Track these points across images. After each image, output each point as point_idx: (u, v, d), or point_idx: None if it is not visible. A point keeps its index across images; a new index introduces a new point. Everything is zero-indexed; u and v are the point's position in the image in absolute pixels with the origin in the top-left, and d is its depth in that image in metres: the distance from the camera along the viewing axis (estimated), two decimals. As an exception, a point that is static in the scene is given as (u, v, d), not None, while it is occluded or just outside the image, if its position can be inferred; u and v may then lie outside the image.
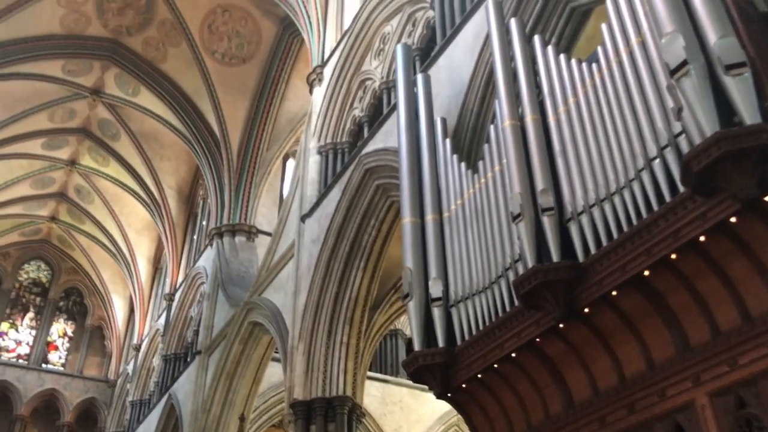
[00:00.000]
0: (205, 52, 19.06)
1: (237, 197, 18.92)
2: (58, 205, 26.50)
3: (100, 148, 23.26)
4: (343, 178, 11.49)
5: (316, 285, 11.42)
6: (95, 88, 20.90)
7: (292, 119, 19.27)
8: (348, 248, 11.12)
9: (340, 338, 11.04)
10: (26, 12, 17.64)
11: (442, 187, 7.03)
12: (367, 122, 11.98)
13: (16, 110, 20.89)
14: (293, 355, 11.46)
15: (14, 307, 28.31)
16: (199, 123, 19.82)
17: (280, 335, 12.50)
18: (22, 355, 27.34)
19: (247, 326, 14.64)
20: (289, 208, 13.88)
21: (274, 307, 13.26)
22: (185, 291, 20.42)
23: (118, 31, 19.34)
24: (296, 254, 12.69)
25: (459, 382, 6.06)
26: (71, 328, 28.96)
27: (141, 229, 25.72)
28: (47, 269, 29.41)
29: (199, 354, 16.80)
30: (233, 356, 14.91)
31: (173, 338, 20.34)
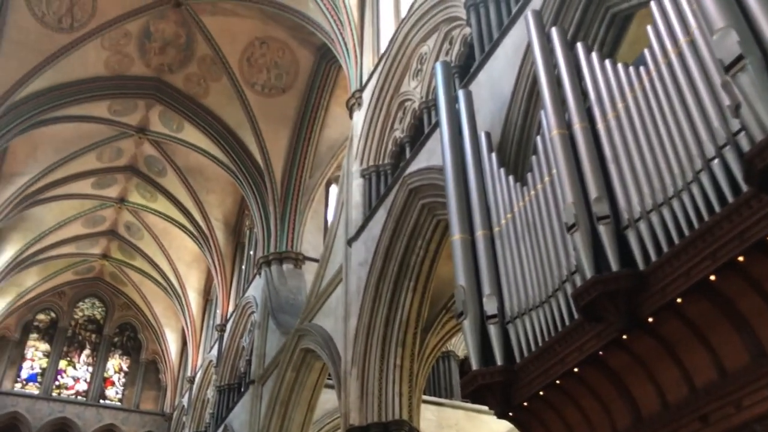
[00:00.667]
0: (246, 85, 19.38)
1: (282, 225, 19.07)
2: (109, 242, 27.11)
3: (148, 185, 23.76)
4: (388, 199, 11.46)
5: (366, 308, 11.36)
6: (141, 126, 21.39)
7: (332, 145, 19.42)
8: (396, 270, 11.04)
9: (393, 361, 10.92)
10: (73, 56, 18.19)
11: (490, 202, 6.93)
12: (409, 142, 11.95)
13: (66, 152, 21.50)
14: (347, 381, 11.38)
15: (71, 345, 28.92)
16: (242, 154, 20.10)
17: (333, 361, 12.44)
18: (80, 392, 27.85)
19: (299, 353, 14.63)
20: (335, 233, 13.90)
21: (325, 333, 13.23)
22: (236, 321, 20.57)
23: (160, 69, 19.80)
24: (344, 278, 12.66)
25: (520, 400, 5.90)
26: (126, 363, 29.42)
27: (190, 262, 26.11)
28: (101, 306, 30.02)
29: (253, 383, 16.84)
30: (287, 384, 14.89)
31: (226, 369, 20.47)
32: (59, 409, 26.33)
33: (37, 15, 17.35)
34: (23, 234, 24.37)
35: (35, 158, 21.30)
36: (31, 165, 21.33)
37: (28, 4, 17.13)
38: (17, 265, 24.60)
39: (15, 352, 27.35)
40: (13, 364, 27.12)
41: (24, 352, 27.76)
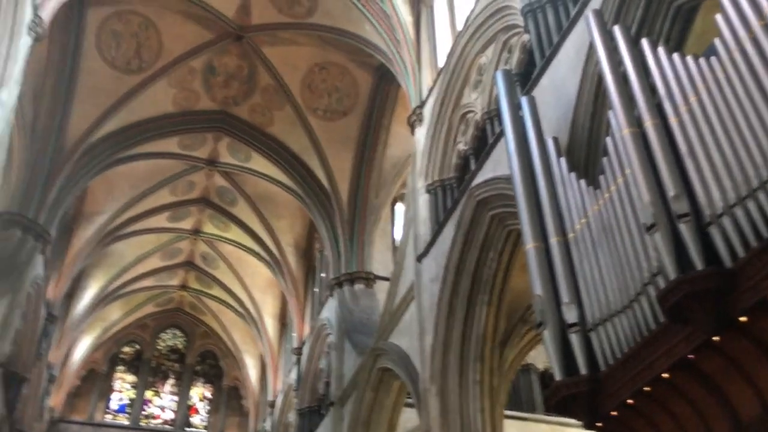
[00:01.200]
0: (308, 111, 19.70)
1: (352, 246, 19.19)
2: (186, 273, 27.86)
3: (220, 215, 24.35)
4: (455, 213, 11.38)
5: (441, 324, 11.27)
6: (210, 159, 21.98)
7: (396, 164, 19.50)
8: (469, 284, 10.94)
9: (472, 377, 10.78)
10: (142, 96, 18.90)
11: (562, 208, 6.78)
12: (473, 154, 11.88)
13: (141, 188, 22.29)
14: (427, 398, 11.28)
15: (156, 375, 29.75)
16: (308, 179, 20.39)
17: (411, 379, 12.37)
18: (167, 421, 28.58)
19: (377, 373, 14.61)
20: (404, 251, 13.89)
21: (402, 351, 13.18)
22: (312, 344, 20.75)
23: (226, 102, 20.34)
24: (417, 296, 12.62)
25: (608, 409, 5.70)
26: (209, 390, 30.04)
27: (265, 288, 26.54)
28: (182, 336, 30.82)
29: (333, 405, 16.90)
30: (366, 404, 14.87)
31: (306, 392, 20.63)
32: (148, 438, 27.13)
33: (108, 59, 18.14)
34: (106, 270, 25.32)
35: (113, 196, 22.17)
36: (110, 203, 22.20)
37: (99, 49, 17.93)
38: (102, 300, 25.54)
39: (104, 384, 28.33)
40: (102, 397, 28.08)
41: (112, 384, 28.72)
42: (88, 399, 27.63)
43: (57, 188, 17.56)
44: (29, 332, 18.51)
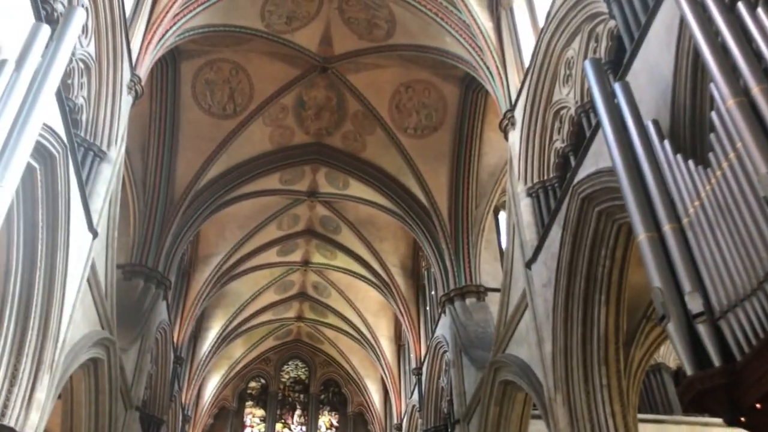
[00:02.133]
0: (398, 131, 19.80)
1: (458, 260, 19.00)
2: (301, 304, 28.51)
3: (326, 244, 24.80)
4: (560, 213, 11.02)
5: (559, 330, 10.88)
6: (311, 191, 22.45)
7: (493, 172, 19.22)
8: (583, 285, 10.52)
9: (598, 381, 10.32)
10: (240, 139, 19.62)
11: (672, 193, 6.39)
12: (572, 151, 11.51)
13: (249, 227, 23.08)
14: (553, 408, 10.89)
15: (283, 408, 30.49)
16: (406, 198, 20.42)
17: (534, 389, 12.00)
18: (299, 451, 29.19)
19: (499, 386, 14.28)
20: (512, 259, 13.58)
21: (521, 362, 12.83)
22: (430, 362, 20.61)
23: (319, 133, 20.78)
24: (530, 303, 12.27)
25: (750, 402, 5.25)
26: (335, 418, 30.44)
27: (377, 311, 26.73)
28: (304, 366, 31.48)
29: (459, 423, 16.66)
30: (492, 420, 14.55)
31: (430, 411, 20.47)
32: (283, 469, 27.76)
33: (204, 108, 18.98)
34: (225, 309, 26.31)
35: (224, 237, 23.07)
36: (222, 244, 23.10)
37: (196, 100, 18.79)
38: (224, 338, 26.51)
39: (236, 420, 29.32)
40: (236, 432, 29.09)
41: (243, 420, 29.67)
42: (223, 435, 28.66)
43: (171, 236, 18.43)
44: (161, 375, 19.41)
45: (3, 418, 8.95)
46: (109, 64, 11.85)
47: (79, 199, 10.71)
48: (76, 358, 11.26)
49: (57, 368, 10.19)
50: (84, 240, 11.13)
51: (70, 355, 10.91)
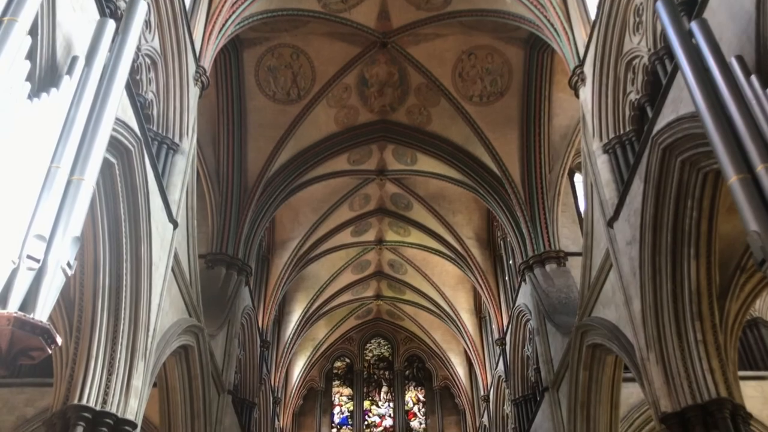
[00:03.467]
0: (463, 100, 19.49)
1: (534, 227, 18.63)
2: (378, 283, 28.68)
3: (399, 221, 24.79)
4: (640, 167, 10.58)
5: (647, 288, 10.48)
6: (379, 169, 22.44)
7: (565, 134, 18.70)
8: (670, 239, 10.08)
9: (693, 337, 9.90)
10: (306, 122, 19.72)
11: (764, 130, 6.00)
12: (648, 101, 11.02)
13: (322, 210, 23.30)
14: (646, 368, 10.54)
15: (369, 385, 30.85)
16: (477, 168, 20.14)
17: (625, 351, 11.64)
18: (388, 428, 29.46)
19: (587, 350, 13.96)
20: (591, 219, 13.17)
21: (609, 324, 12.48)
22: (513, 332, 20.38)
23: (383, 110, 20.68)
24: (614, 263, 11.88)
25: None
26: (422, 393, 30.59)
27: (455, 285, 26.62)
28: (386, 344, 31.73)
29: (547, 390, 16.42)
30: (582, 385, 14.25)
31: (516, 381, 20.29)
32: (374, 446, 28.16)
33: (269, 95, 19.16)
34: (305, 292, 26.75)
35: (299, 222, 23.38)
36: (297, 228, 23.43)
37: (260, 88, 18.99)
38: (307, 321, 26.99)
39: (324, 400, 29.87)
40: (325, 412, 29.61)
41: (332, 399, 30.20)
42: (313, 416, 29.24)
43: (248, 224, 18.78)
44: (249, 359, 19.92)
45: (105, 405, 9.33)
46: (174, 57, 12.06)
47: (158, 191, 11.00)
48: (167, 345, 11.62)
49: (150, 356, 10.54)
50: (166, 231, 11.43)
51: (161, 343, 11.27)
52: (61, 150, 6.13)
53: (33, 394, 15.13)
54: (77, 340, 9.65)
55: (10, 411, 15.17)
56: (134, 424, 9.62)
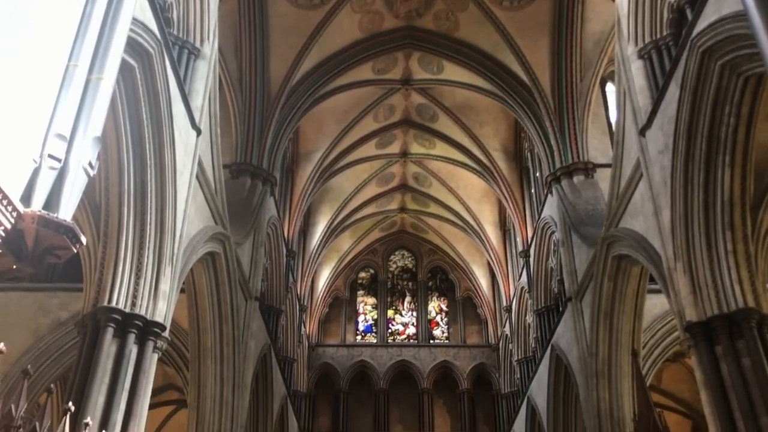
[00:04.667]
0: (493, 4, 18.74)
1: (563, 138, 18.25)
2: (402, 196, 28.62)
3: (424, 133, 24.46)
4: (677, 72, 10.14)
5: (678, 197, 10.26)
6: (404, 78, 21.94)
7: (598, 40, 17.96)
8: (705, 146, 9.76)
9: (723, 247, 9.74)
10: (329, 29, 19.16)
11: (817, 26, 5.61)
12: (687, 3, 10.46)
13: (346, 121, 23.00)
14: (673, 278, 10.46)
15: (393, 295, 31.34)
16: (505, 77, 19.60)
17: (652, 261, 11.54)
18: (411, 336, 30.11)
19: (612, 261, 13.90)
20: (623, 127, 12.81)
21: (636, 235, 12.33)
22: (538, 244, 20.35)
23: (409, 16, 20.01)
24: (645, 172, 11.62)
25: None
26: (444, 303, 31.04)
27: (480, 198, 26.48)
28: (410, 255, 32.00)
29: (570, 301, 16.50)
30: (606, 295, 14.28)
31: (539, 292, 20.42)
32: (397, 353, 28.78)
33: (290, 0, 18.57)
34: (330, 204, 26.82)
35: (323, 133, 23.16)
36: (321, 140, 23.24)
37: (281, -9, 18.41)
38: (331, 232, 27.17)
39: (349, 309, 30.47)
40: (350, 320, 30.25)
41: (356, 308, 30.79)
42: (338, 323, 29.92)
43: (272, 134, 18.62)
44: (276, 268, 20.23)
45: (134, 308, 9.53)
46: (192, -43, 11.64)
47: (179, 96, 10.85)
48: (194, 252, 11.76)
49: (177, 261, 10.67)
50: (189, 137, 11.35)
51: (188, 249, 11.39)
52: (78, 47, 5.95)
53: (66, 299, 15.55)
54: (105, 245, 9.78)
55: (45, 314, 15.65)
56: (163, 326, 9.84)
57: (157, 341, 9.77)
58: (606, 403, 14.50)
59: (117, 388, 8.90)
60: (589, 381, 14.93)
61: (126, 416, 8.89)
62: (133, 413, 8.96)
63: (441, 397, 28.00)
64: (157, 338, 9.74)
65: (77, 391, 8.73)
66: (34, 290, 16.03)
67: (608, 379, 14.57)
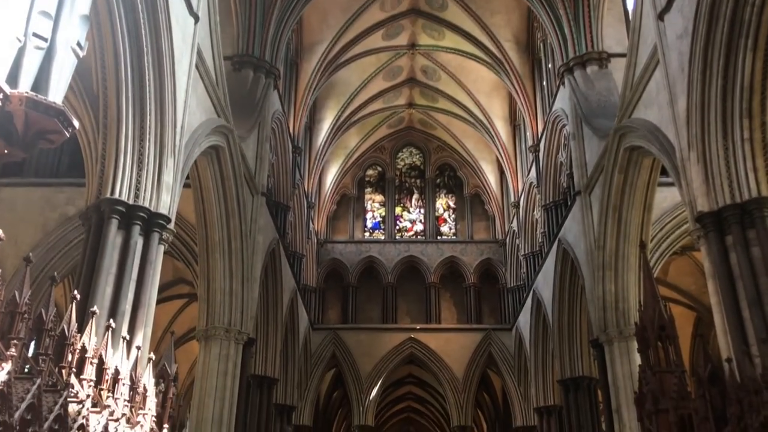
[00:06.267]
0: None
1: (578, 26, 17.52)
2: (411, 90, 27.99)
3: (433, 23, 23.61)
4: (702, -52, 9.51)
5: (696, 84, 9.86)
6: (412, -35, 20.96)
7: None
8: (727, 29, 9.26)
9: (739, 135, 9.42)
10: None
11: None
12: None
13: (351, 10, 22.15)
14: (685, 168, 10.22)
15: (401, 193, 31.28)
16: (518, -39, 18.63)
17: (665, 152, 11.27)
18: (418, 233, 30.28)
19: (623, 153, 13.65)
20: (641, 12, 12.24)
21: (650, 125, 12.01)
22: (548, 138, 20.00)
23: None
24: (662, 58, 11.15)
25: None
26: (452, 200, 30.99)
27: (490, 92, 25.87)
28: (418, 152, 31.68)
29: (579, 195, 16.35)
30: (615, 187, 14.11)
31: (548, 187, 20.26)
32: (404, 249, 29.02)
33: None
34: (336, 99, 26.28)
35: (327, 23, 22.37)
36: (326, 31, 22.48)
37: None
38: (338, 129, 26.78)
39: (357, 206, 30.50)
40: (358, 217, 30.34)
41: (364, 206, 30.81)
42: (346, 220, 30.04)
43: (274, 23, 17.94)
44: (282, 164, 20.06)
45: (137, 200, 9.44)
46: None
47: (174, -21, 10.32)
48: (197, 145, 11.56)
49: (180, 153, 10.49)
50: (186, 24, 10.91)
51: (190, 142, 11.19)
52: None
53: (72, 194, 15.51)
54: (104, 136, 9.58)
55: (53, 209, 15.67)
56: (168, 218, 9.79)
57: (163, 233, 9.75)
58: (612, 295, 14.63)
59: (124, 278, 8.96)
60: (595, 274, 15.01)
61: (134, 306, 8.99)
62: (141, 302, 9.06)
63: (447, 291, 28.44)
64: (162, 230, 9.71)
65: (84, 282, 8.79)
66: (40, 185, 16.01)
67: (615, 271, 14.64)
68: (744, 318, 8.87)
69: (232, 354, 14.37)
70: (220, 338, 14.34)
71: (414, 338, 26.69)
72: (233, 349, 14.43)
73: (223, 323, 14.45)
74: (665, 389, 8.33)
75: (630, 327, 13.67)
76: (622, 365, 14.13)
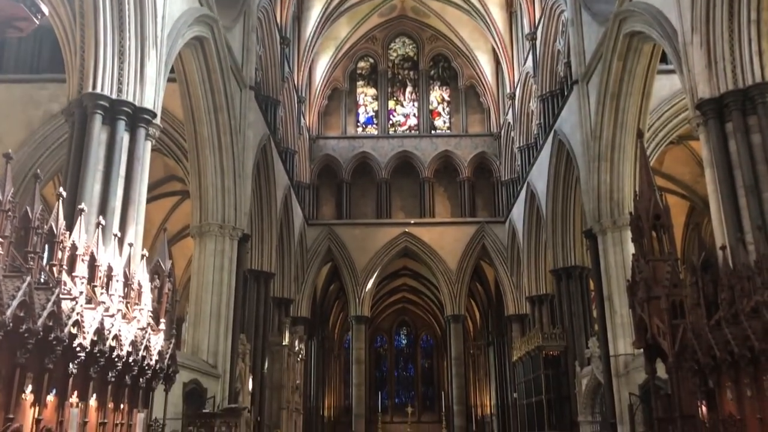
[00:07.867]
0: None
1: None
2: (403, -24, 26.82)
3: None
4: None
5: (702, -38, 9.37)
6: None
7: None
8: None
9: (746, 17, 9.06)
10: None
11: None
12: None
13: None
14: (687, 53, 9.90)
15: (393, 85, 30.58)
16: None
17: (666, 37, 10.87)
18: (412, 127, 29.86)
19: (623, 39, 13.21)
20: None
21: (652, 8, 11.52)
22: (545, 25, 19.35)
23: None
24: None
25: None
26: (446, 93, 30.38)
27: (485, -24, 24.81)
28: (411, 43, 30.73)
29: (576, 84, 15.96)
30: (614, 75, 13.76)
31: (545, 77, 19.80)
32: (398, 144, 28.71)
33: None
34: (324, -13, 25.18)
35: None
36: None
37: None
38: (327, 18, 25.78)
39: (349, 100, 29.88)
40: (350, 112, 29.80)
41: (356, 100, 30.19)
42: (338, 116, 29.53)
43: None
44: (270, 57, 19.45)
45: (121, 94, 9.11)
46: None
47: None
48: (179, 35, 11.08)
49: (162, 44, 10.06)
50: None
51: (173, 32, 10.71)
52: None
53: (55, 90, 15.03)
54: (82, 27, 9.13)
55: (36, 106, 15.26)
56: (153, 113, 9.51)
57: (149, 128, 9.49)
58: (606, 185, 14.58)
59: (112, 175, 8.79)
60: (590, 164, 14.89)
61: (124, 203, 8.86)
62: (131, 199, 8.93)
63: (441, 185, 28.39)
64: (148, 125, 9.46)
65: (71, 179, 8.62)
66: (20, 81, 15.52)
67: (610, 161, 14.52)
68: (740, 206, 8.83)
69: (227, 249, 14.41)
70: (215, 234, 14.34)
71: (408, 232, 26.88)
72: (228, 245, 14.46)
73: (217, 219, 14.41)
74: (658, 277, 8.40)
75: (624, 217, 13.71)
76: (615, 254, 14.27)
